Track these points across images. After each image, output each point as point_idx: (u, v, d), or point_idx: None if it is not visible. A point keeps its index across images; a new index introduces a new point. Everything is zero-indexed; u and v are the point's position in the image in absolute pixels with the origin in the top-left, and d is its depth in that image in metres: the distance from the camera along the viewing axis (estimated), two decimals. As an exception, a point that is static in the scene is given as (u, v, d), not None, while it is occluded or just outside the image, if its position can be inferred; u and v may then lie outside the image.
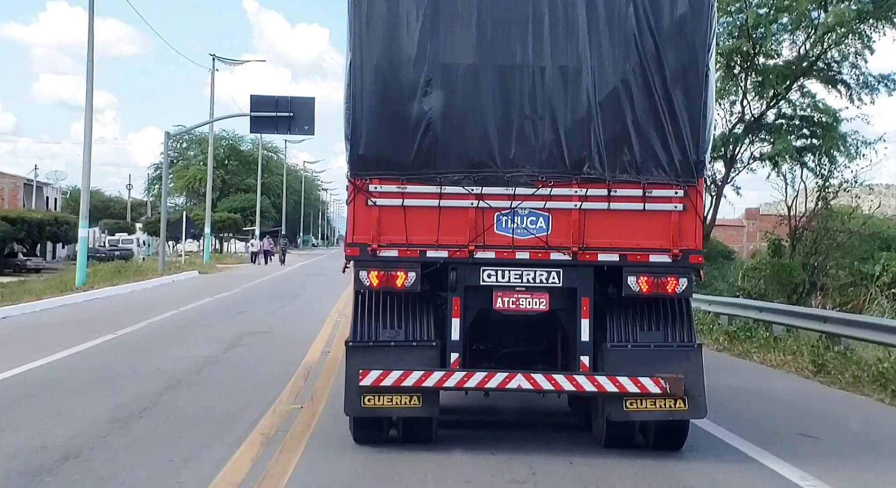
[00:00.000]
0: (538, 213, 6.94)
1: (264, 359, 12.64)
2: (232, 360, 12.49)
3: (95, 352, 13.01)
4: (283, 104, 32.53)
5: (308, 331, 15.72)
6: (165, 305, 20.79)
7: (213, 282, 31.25)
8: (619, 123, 6.88)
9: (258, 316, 19.24)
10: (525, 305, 7.00)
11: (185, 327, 16.70)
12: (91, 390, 9.83)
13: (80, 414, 8.44)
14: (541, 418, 8.70)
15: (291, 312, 20.75)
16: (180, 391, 9.95)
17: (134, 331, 15.85)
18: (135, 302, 22.89)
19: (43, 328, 16.30)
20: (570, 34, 6.87)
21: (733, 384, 11.07)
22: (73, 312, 19.68)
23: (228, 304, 22.33)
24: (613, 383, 6.78)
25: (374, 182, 6.94)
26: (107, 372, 11.17)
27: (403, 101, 6.89)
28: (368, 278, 6.94)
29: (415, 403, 6.90)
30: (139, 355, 12.74)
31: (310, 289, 29.35)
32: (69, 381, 10.42)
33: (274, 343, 14.60)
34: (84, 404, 8.96)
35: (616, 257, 6.93)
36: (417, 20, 6.86)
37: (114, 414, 8.48)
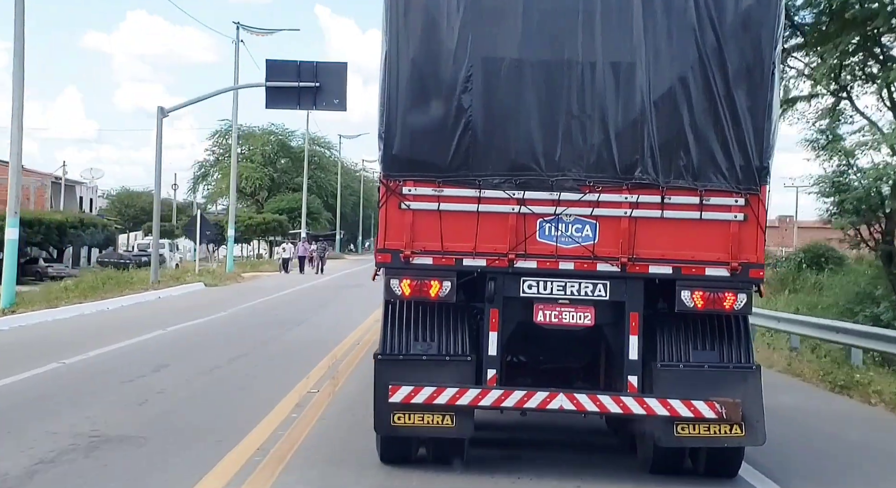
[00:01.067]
0: (584, 221, 6.44)
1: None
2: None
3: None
4: (308, 71, 25.40)
5: (252, 412, 8.72)
6: (60, 350, 12.74)
7: (209, 300, 24.03)
8: (675, 125, 6.37)
9: (185, 375, 11.08)
10: (568, 319, 6.51)
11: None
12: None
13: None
14: (579, 437, 8.20)
15: (261, 361, 12.68)
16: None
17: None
18: (24, 340, 14.52)
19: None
20: (624, 28, 6.36)
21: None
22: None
23: (170, 344, 14.27)
24: (664, 406, 6.26)
25: (409, 184, 6.48)
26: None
27: (441, 98, 6.42)
28: (400, 287, 6.48)
29: (447, 423, 6.44)
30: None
31: (330, 308, 22.89)
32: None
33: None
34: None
35: (669, 270, 6.42)
36: (458, 11, 6.39)
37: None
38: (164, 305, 22.46)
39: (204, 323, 18.18)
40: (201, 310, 20.61)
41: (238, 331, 16.71)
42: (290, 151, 72.56)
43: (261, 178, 69.61)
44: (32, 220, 35.96)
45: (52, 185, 53.23)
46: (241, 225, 53.30)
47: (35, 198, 50.06)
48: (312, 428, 8.25)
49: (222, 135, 70.02)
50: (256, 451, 7.25)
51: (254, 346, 14.47)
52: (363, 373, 10.08)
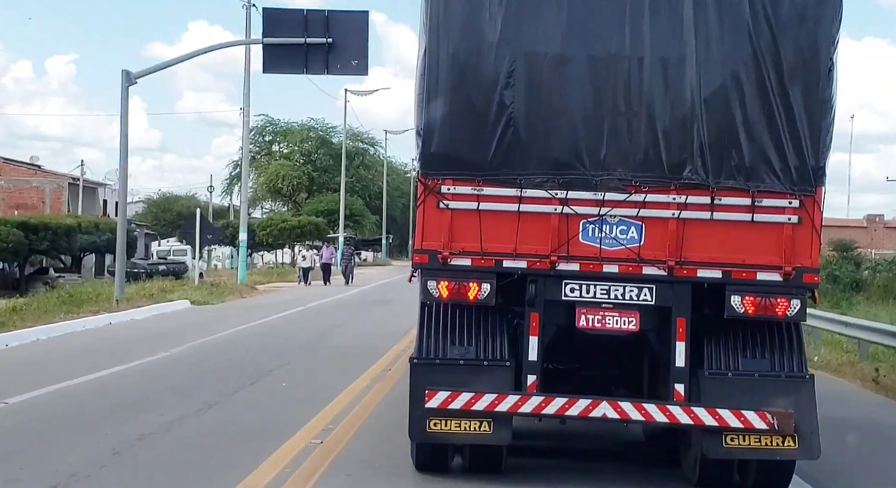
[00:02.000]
0: (630, 222, 6.20)
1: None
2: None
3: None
4: (317, 24, 19.99)
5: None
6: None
7: (174, 326, 17.71)
8: (726, 123, 6.11)
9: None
10: (612, 324, 6.27)
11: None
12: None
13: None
14: (621, 447, 7.96)
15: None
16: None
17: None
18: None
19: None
20: (674, 22, 6.11)
21: None
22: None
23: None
24: (712, 416, 6.01)
25: (447, 183, 6.28)
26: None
27: (482, 94, 6.21)
28: (437, 289, 6.27)
29: (485, 429, 6.22)
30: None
31: (332, 340, 15.97)
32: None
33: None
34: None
35: (718, 274, 6.16)
36: (501, 3, 6.17)
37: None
38: (103, 336, 15.84)
39: (158, 361, 12.53)
40: (140, 346, 14.07)
41: (220, 367, 12.08)
42: (331, 148, 65.07)
43: (299, 177, 63.84)
44: (38, 226, 31.34)
45: (70, 188, 47.52)
46: (274, 228, 49.80)
47: (51, 201, 45.30)
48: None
49: (259, 132, 65.45)
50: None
51: (233, 390, 10.14)
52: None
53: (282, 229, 50.57)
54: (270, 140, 67.59)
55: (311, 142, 66.17)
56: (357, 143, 69.13)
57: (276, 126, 66.70)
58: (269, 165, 64.27)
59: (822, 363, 13.51)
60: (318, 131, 66.82)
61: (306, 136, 66.01)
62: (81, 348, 14.10)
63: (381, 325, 18.28)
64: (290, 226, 51.40)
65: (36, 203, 43.81)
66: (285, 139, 66.00)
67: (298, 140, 65.44)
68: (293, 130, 66.02)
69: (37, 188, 45.27)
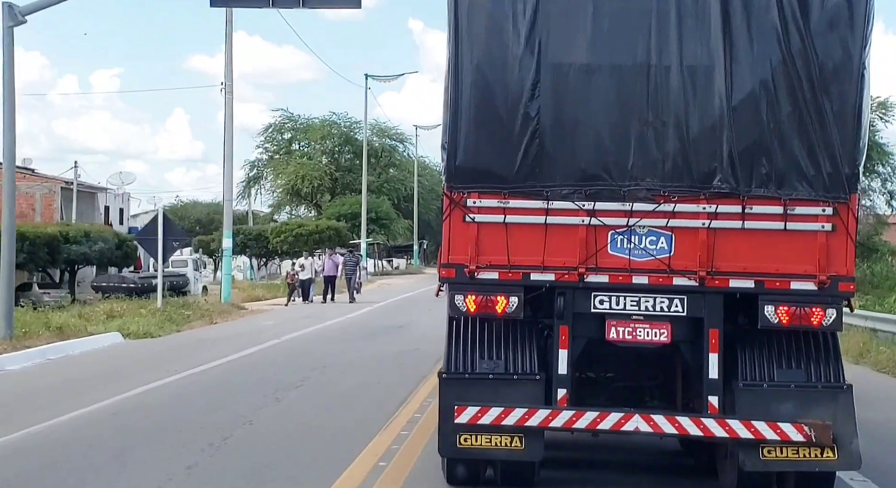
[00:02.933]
0: (659, 233, 6.11)
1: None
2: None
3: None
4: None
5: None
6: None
7: (25, 392, 11.28)
8: (756, 131, 6.00)
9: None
10: (643, 336, 6.18)
11: None
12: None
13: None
14: (655, 459, 7.85)
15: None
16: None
17: None
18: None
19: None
20: (701, 29, 6.02)
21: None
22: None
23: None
24: (748, 429, 5.90)
25: (473, 196, 6.23)
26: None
27: (507, 106, 6.15)
28: (465, 303, 6.23)
29: (516, 445, 6.16)
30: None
31: (266, 423, 9.14)
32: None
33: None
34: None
35: (751, 283, 6.05)
36: (525, 14, 6.12)
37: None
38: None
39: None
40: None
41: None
42: (355, 146, 57.54)
43: (320, 178, 57.01)
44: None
45: (67, 193, 41.27)
46: (289, 234, 43.48)
47: (42, 207, 39.33)
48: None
49: (276, 128, 59.14)
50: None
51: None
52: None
53: (298, 235, 43.86)
54: (290, 138, 60.22)
55: (334, 139, 59.61)
56: (384, 140, 62.73)
57: (297, 122, 59.77)
58: (289, 165, 56.88)
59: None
60: (341, 127, 59.69)
61: (328, 133, 59.13)
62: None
63: (375, 377, 12.19)
64: (308, 231, 44.35)
65: (26, 210, 37.34)
66: (305, 136, 59.17)
67: (319, 137, 58.64)
68: (313, 126, 59.07)
69: (26, 194, 38.36)
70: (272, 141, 59.88)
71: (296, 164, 57.12)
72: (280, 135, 60.21)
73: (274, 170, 58.28)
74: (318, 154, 59.52)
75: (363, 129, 55.40)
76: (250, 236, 45.44)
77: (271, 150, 59.94)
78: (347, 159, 59.97)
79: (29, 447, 8.09)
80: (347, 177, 58.88)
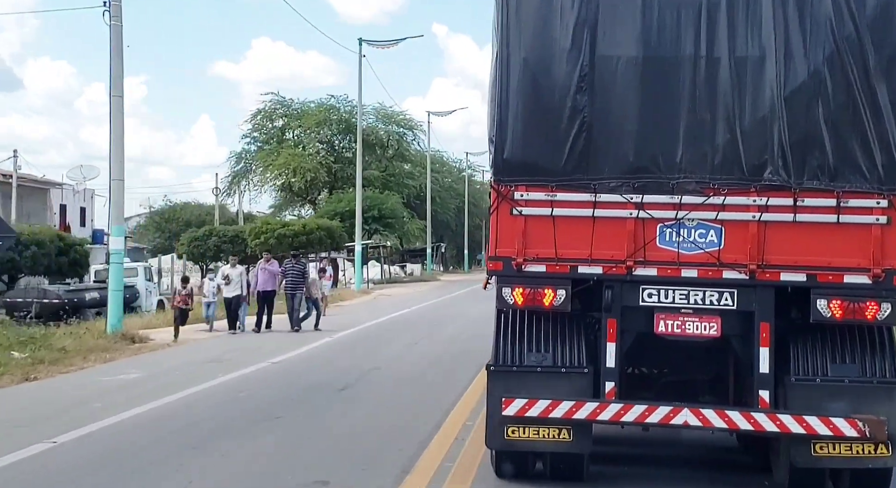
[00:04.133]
0: (709, 225, 6.06)
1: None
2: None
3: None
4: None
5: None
6: None
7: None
8: (808, 122, 5.92)
9: None
10: (692, 330, 6.14)
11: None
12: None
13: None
14: (708, 454, 7.77)
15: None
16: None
17: None
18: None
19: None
20: (752, 21, 5.96)
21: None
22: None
23: None
24: (800, 423, 5.82)
25: (521, 189, 6.25)
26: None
27: (555, 99, 6.16)
28: (512, 296, 6.25)
29: (564, 437, 6.17)
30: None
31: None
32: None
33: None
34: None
35: (803, 277, 5.96)
36: (573, 7, 6.12)
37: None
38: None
39: None
40: None
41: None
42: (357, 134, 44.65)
43: (315, 171, 48.08)
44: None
45: (21, 189, 35.77)
46: (270, 236, 35.61)
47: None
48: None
49: (266, 115, 50.50)
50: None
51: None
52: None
53: (281, 237, 35.69)
54: (283, 126, 51.13)
55: (332, 127, 50.39)
56: (391, 127, 52.71)
57: (289, 108, 50.87)
58: (279, 157, 47.96)
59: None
60: (341, 112, 50.26)
61: (325, 119, 49.72)
62: None
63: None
64: (293, 232, 36.37)
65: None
66: (299, 123, 50.07)
67: (314, 123, 49.26)
68: (308, 111, 50.20)
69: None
70: (261, 129, 50.96)
71: (287, 155, 47.70)
72: (270, 122, 50.96)
73: (263, 163, 48.89)
74: (313, 143, 50.22)
75: (366, 115, 48.14)
76: (225, 238, 38.89)
77: (260, 140, 51.04)
78: (348, 150, 49.48)
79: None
80: (348, 169, 47.10)
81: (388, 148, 53.07)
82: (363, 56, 36.69)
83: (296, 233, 36.46)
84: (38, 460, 7.47)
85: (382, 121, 52.89)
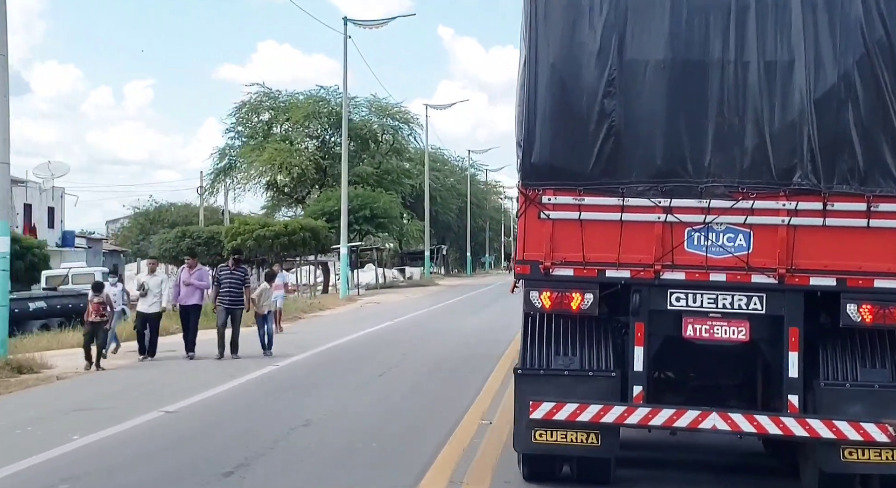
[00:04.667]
0: (737, 229, 6.06)
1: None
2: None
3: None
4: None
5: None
6: None
7: None
8: (838, 126, 5.91)
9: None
10: (721, 334, 6.13)
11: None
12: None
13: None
14: (735, 459, 7.74)
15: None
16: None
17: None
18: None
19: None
20: (781, 24, 5.96)
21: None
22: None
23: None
24: (829, 428, 5.81)
25: (548, 193, 6.26)
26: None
27: (583, 103, 6.18)
28: (540, 299, 6.26)
29: (592, 441, 6.17)
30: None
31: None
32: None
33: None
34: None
35: (832, 281, 5.95)
36: (601, 12, 6.14)
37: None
38: None
39: None
40: None
41: None
42: (351, 128, 42.30)
43: (303, 166, 44.64)
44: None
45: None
46: (248, 237, 32.57)
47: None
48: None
49: (252, 108, 47.16)
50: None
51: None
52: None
53: (260, 238, 32.68)
54: (269, 119, 47.72)
55: (322, 120, 46.60)
56: (385, 120, 49.01)
57: (276, 100, 47.36)
58: (264, 152, 44.14)
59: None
60: (331, 105, 46.01)
61: (314, 112, 45.84)
62: None
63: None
64: (273, 233, 32.78)
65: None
66: (287, 117, 46.54)
67: (302, 116, 45.54)
68: (296, 103, 46.59)
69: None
70: (246, 123, 47.23)
71: (272, 150, 43.64)
72: (256, 115, 47.35)
73: (247, 159, 44.92)
74: (302, 138, 46.69)
75: (360, 108, 46.04)
76: (199, 240, 36.24)
77: (245, 135, 47.04)
78: (338, 145, 43.73)
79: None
80: (338, 166, 40.45)
81: (381, 142, 49.41)
82: (349, 37, 34.15)
83: (276, 235, 32.84)
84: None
85: (376, 114, 48.46)
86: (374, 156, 49.15)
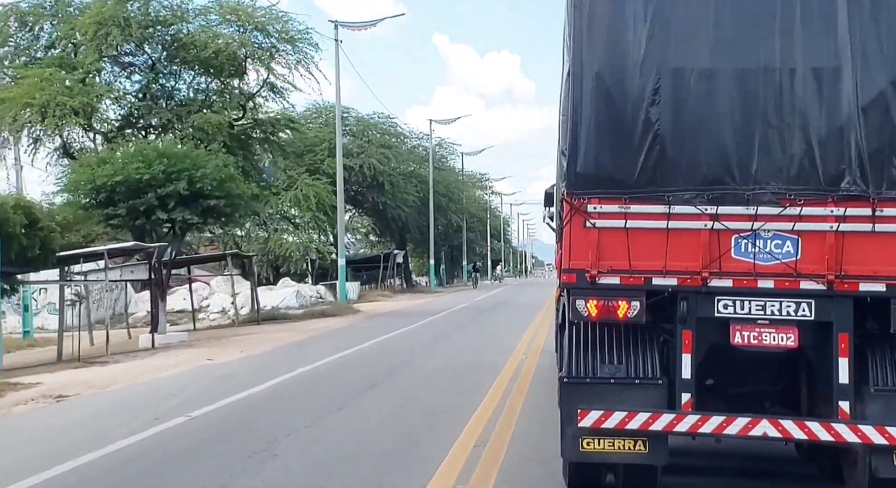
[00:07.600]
0: (785, 236, 6.06)
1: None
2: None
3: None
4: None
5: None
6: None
7: None
8: (886, 131, 5.92)
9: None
10: (769, 341, 6.13)
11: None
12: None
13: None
14: (777, 467, 7.73)
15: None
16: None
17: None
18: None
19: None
20: (828, 30, 5.97)
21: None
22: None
23: None
24: (881, 434, 5.81)
25: (594, 201, 6.27)
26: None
27: (628, 112, 6.19)
28: (586, 308, 6.26)
29: (640, 449, 6.16)
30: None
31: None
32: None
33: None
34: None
35: (882, 287, 5.96)
36: (645, 20, 6.15)
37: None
38: None
39: None
40: None
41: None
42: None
43: (87, 107, 26.41)
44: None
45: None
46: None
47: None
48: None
49: (19, 16, 27.95)
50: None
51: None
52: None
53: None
54: (53, 34, 29.40)
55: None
56: (249, 33, 30.04)
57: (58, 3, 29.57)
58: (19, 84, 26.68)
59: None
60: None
61: (112, 17, 27.35)
62: None
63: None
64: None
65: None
66: (73, 28, 28.34)
67: (92, 24, 27.47)
68: (91, 7, 28.43)
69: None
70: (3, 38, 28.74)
71: (31, 84, 25.53)
72: (26, 28, 29.04)
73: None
74: (94, 61, 27.37)
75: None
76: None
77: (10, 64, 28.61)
78: (175, 76, 29.46)
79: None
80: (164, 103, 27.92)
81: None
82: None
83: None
84: None
85: (229, 23, 29.61)
86: (232, 97, 29.68)
